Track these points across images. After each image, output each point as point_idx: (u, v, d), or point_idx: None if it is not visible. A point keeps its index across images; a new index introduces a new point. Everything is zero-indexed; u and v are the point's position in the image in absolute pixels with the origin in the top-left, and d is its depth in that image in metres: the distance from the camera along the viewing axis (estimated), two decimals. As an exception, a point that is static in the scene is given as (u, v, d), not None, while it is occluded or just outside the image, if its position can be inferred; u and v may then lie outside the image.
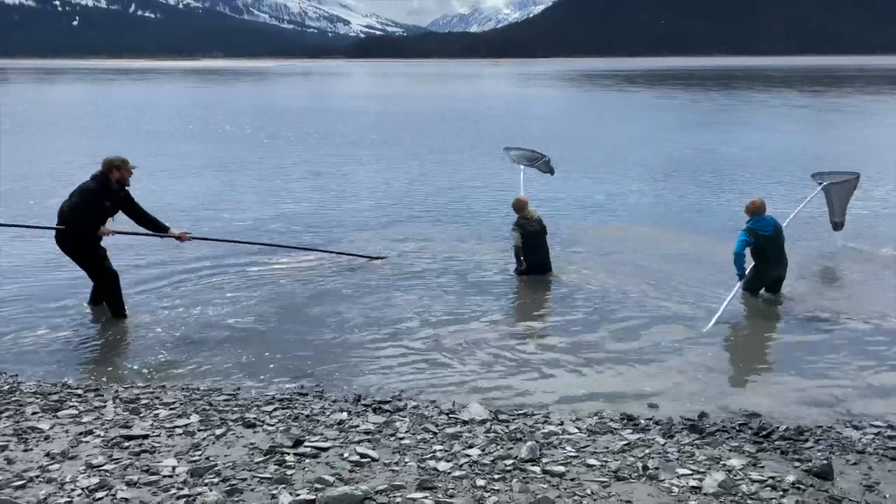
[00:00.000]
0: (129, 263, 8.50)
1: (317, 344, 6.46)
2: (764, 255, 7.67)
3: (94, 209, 6.67)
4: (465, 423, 4.74)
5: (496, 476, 3.92)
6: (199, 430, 4.49)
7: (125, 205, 6.98)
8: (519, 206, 8.83)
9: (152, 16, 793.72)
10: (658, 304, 7.63)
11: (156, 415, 4.76)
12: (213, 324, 6.93)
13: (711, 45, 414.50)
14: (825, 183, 9.51)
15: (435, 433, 4.53)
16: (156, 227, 7.16)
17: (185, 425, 4.56)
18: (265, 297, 7.73)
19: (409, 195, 14.12)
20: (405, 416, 4.81)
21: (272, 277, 8.48)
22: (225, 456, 4.12)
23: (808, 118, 32.94)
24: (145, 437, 4.36)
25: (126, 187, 6.93)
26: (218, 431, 4.46)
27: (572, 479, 3.90)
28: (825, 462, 4.05)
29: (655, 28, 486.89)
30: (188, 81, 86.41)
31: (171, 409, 4.88)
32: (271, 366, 5.96)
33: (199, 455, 4.13)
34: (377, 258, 9.25)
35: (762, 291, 7.82)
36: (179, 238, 7.28)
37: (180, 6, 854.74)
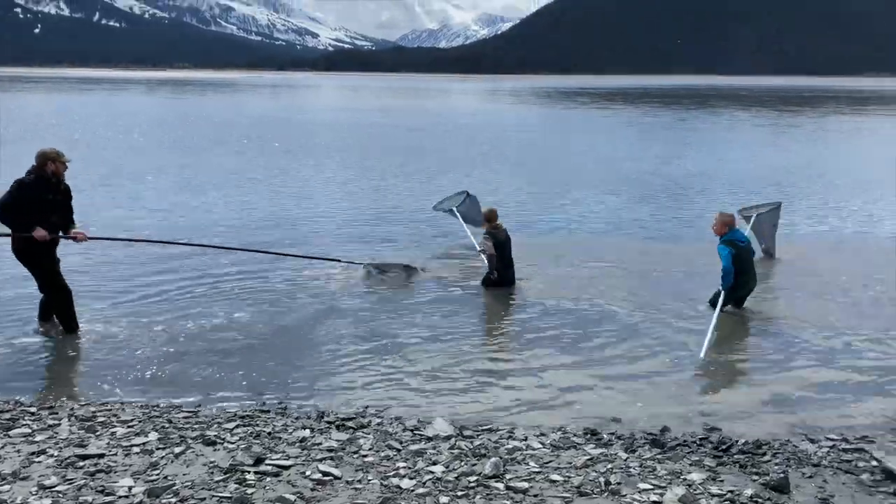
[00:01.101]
0: (78, 273, 8.33)
1: (280, 360, 6.39)
2: (742, 266, 7.74)
3: (17, 201, 6.33)
4: (429, 439, 4.72)
5: (459, 493, 3.91)
6: (158, 449, 4.40)
7: (65, 200, 6.70)
8: (490, 216, 8.89)
9: (118, 25, 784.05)
10: (622, 318, 7.71)
11: (113, 433, 4.65)
12: (173, 339, 6.80)
13: (681, 64, 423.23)
14: (754, 215, 9.95)
15: (399, 450, 4.50)
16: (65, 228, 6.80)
17: (143, 444, 4.47)
18: (226, 312, 7.62)
19: (373, 209, 14.08)
20: (369, 433, 4.78)
21: (231, 292, 8.36)
22: (184, 475, 4.04)
23: (772, 137, 33.79)
24: (101, 456, 4.26)
25: (62, 181, 6.64)
26: (177, 449, 4.38)
27: (535, 496, 3.91)
28: (782, 476, 4.12)
29: (624, 46, 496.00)
30: (157, 92, 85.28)
31: (128, 426, 4.77)
32: (233, 382, 5.87)
33: (157, 474, 4.05)
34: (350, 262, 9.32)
35: (729, 307, 7.90)
36: (75, 238, 6.83)
37: (146, 16, 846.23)
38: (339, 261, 9.39)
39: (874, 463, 4.42)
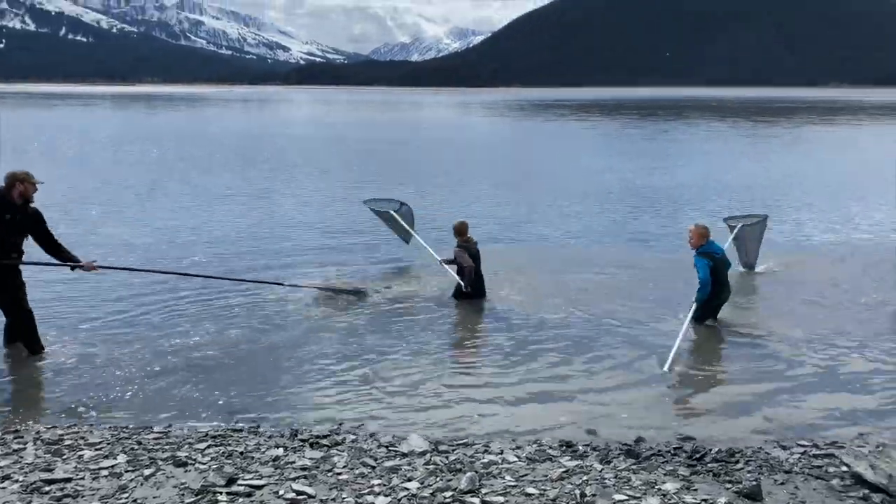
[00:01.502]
0: (45, 296, 8.17)
1: (252, 379, 6.30)
2: (718, 278, 7.74)
3: None
4: (404, 455, 4.69)
5: (435, 509, 3.88)
6: (127, 472, 4.30)
7: (33, 224, 6.57)
8: (461, 229, 8.90)
9: (84, 40, 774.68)
10: (596, 330, 7.75)
11: (80, 456, 4.54)
12: (142, 360, 6.67)
13: (651, 75, 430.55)
14: (739, 226, 9.91)
15: (374, 467, 4.46)
16: (63, 256, 6.75)
17: (112, 466, 4.37)
18: (195, 332, 7.50)
19: (339, 223, 14.02)
20: (343, 451, 4.73)
21: (199, 312, 8.22)
22: (154, 497, 3.96)
23: (750, 147, 34.40)
24: (68, 480, 4.15)
25: (30, 203, 6.53)
26: (147, 472, 4.29)
27: (511, 510, 3.90)
28: (754, 483, 4.16)
29: (593, 58, 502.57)
30: (127, 107, 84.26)
31: (96, 449, 4.67)
32: (205, 401, 5.77)
33: (126, 497, 3.96)
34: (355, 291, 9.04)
35: (709, 321, 7.88)
36: (88, 268, 6.83)
37: (114, 30, 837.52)
38: (281, 284, 8.93)
39: (844, 468, 4.48)
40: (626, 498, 4.04)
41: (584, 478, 4.33)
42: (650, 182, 20.44)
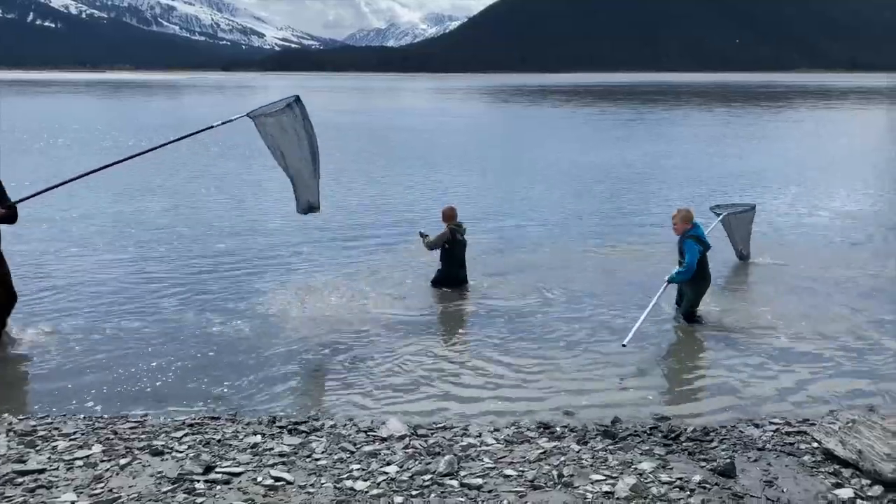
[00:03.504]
0: (16, 284, 8.04)
1: (230, 366, 6.26)
2: (703, 264, 7.49)
3: None
4: (383, 440, 4.69)
5: (414, 492, 3.90)
6: (102, 461, 4.26)
7: None
8: (450, 214, 8.88)
9: (53, 26, 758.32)
10: (574, 315, 7.80)
11: (54, 447, 4.48)
12: (118, 349, 6.60)
13: (618, 62, 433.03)
14: (723, 214, 9.70)
15: (352, 452, 4.46)
16: None
17: (87, 456, 4.32)
18: (172, 321, 7.44)
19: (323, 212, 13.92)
20: (322, 436, 4.72)
21: (176, 300, 8.16)
22: (129, 487, 3.92)
23: (731, 131, 34.69)
24: (41, 471, 4.10)
25: None
26: (122, 461, 4.24)
27: (490, 491, 3.92)
28: (728, 461, 4.24)
29: (567, 46, 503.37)
30: (96, 94, 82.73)
31: (70, 439, 4.61)
32: (182, 390, 5.73)
33: (102, 487, 3.92)
34: None
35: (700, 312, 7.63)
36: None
37: (83, 16, 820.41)
38: (212, 126, 7.10)
39: (815, 444, 4.57)
40: (603, 478, 4.09)
41: (562, 458, 4.37)
42: (641, 165, 20.56)
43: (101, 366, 6.17)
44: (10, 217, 6.34)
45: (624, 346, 6.54)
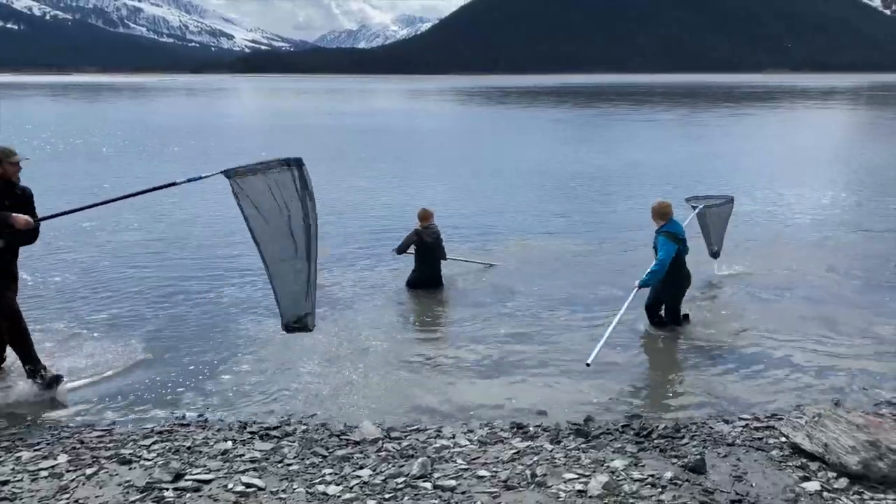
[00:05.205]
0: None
1: (199, 372, 6.17)
2: (679, 261, 7.12)
3: None
4: (356, 443, 4.66)
5: (387, 495, 3.88)
6: (68, 472, 4.17)
7: (25, 206, 5.49)
8: (423, 216, 8.89)
9: (15, 27, 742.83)
10: (547, 314, 7.83)
11: (18, 458, 4.38)
12: (84, 355, 6.47)
13: (592, 63, 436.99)
14: (700, 207, 9.04)
15: (325, 456, 4.43)
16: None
17: (52, 467, 4.23)
18: (140, 327, 7.31)
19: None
20: (294, 441, 4.68)
21: (142, 307, 8.00)
22: (96, 497, 3.85)
23: (700, 130, 35.17)
24: (4, 483, 4.00)
25: (16, 184, 5.48)
26: (89, 471, 4.16)
27: (463, 493, 3.92)
28: (698, 457, 4.28)
29: (539, 47, 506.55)
30: (66, 97, 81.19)
31: (35, 450, 4.51)
32: (150, 397, 5.63)
33: (67, 498, 3.84)
34: None
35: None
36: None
37: (47, 17, 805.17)
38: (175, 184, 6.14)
39: (783, 439, 4.64)
40: (576, 476, 4.11)
41: (535, 458, 4.38)
42: (613, 164, 20.73)
43: (65, 375, 6.03)
44: (32, 233, 5.58)
45: (588, 365, 5.88)
